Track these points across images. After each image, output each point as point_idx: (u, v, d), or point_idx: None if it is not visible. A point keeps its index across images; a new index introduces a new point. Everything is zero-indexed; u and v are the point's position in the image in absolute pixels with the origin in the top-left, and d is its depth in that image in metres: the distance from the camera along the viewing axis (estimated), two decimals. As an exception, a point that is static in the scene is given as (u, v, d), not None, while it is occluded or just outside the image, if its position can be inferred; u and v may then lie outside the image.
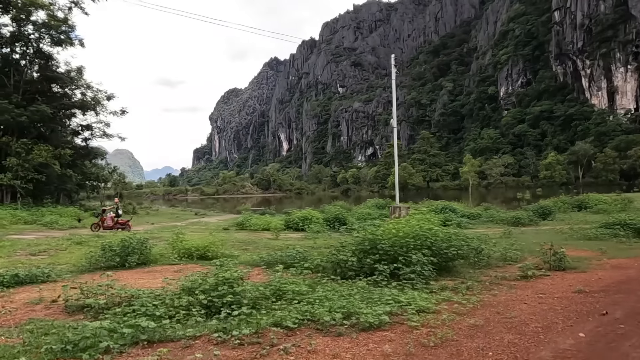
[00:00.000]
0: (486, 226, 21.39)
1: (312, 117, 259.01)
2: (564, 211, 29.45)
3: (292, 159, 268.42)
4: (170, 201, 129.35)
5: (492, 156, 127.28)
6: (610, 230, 15.41)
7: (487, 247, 11.12)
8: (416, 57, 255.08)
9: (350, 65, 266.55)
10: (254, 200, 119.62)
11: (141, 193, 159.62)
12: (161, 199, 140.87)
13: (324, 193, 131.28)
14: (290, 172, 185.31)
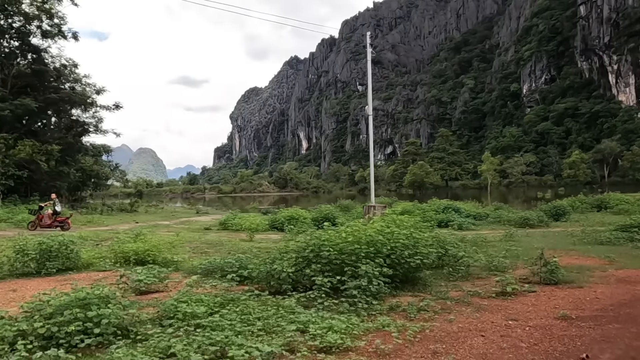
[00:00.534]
0: (491, 227, 19.66)
1: (331, 116, 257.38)
2: (581, 211, 27.41)
3: (312, 157, 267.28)
4: (188, 199, 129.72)
5: (513, 155, 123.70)
6: (627, 234, 13.66)
7: (471, 253, 9.54)
8: (437, 55, 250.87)
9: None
10: (271, 198, 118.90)
11: (161, 191, 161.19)
12: (179, 197, 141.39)
13: (341, 192, 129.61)
14: (308, 171, 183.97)
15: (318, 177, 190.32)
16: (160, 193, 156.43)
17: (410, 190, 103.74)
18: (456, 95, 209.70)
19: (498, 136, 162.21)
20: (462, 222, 19.86)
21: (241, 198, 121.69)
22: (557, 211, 23.14)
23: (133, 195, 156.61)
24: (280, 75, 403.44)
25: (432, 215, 21.41)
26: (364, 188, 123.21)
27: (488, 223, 21.58)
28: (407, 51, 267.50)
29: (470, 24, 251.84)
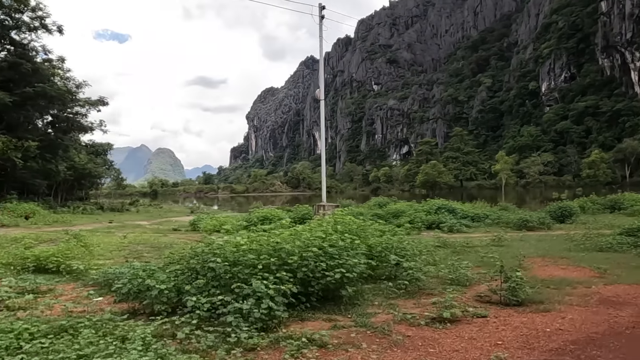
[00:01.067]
0: (485, 230, 18.01)
1: (347, 115, 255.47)
2: (592, 213, 25.45)
3: (327, 157, 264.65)
4: (202, 199, 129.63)
5: (530, 154, 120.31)
6: (633, 238, 12.03)
7: (441, 261, 8.09)
8: (454, 53, 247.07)
9: (385, 63, 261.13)
10: (283, 198, 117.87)
11: (175, 191, 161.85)
12: (193, 197, 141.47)
13: (354, 192, 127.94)
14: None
15: (333, 177, 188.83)
16: (175, 192, 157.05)
17: (424, 190, 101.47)
18: (473, 94, 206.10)
19: (516, 135, 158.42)
20: (453, 225, 18.32)
21: (254, 198, 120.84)
22: (562, 212, 21.33)
23: (148, 195, 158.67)
24: (296, 75, 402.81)
25: (423, 216, 19.76)
26: (377, 188, 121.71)
27: (485, 225, 19.93)
28: (424, 50, 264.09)
29: (488, 22, 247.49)
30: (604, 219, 20.98)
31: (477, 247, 12.55)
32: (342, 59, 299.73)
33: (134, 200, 55.75)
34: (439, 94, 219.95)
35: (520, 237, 14.87)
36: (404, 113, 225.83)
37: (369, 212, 25.15)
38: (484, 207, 29.24)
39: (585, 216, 23.18)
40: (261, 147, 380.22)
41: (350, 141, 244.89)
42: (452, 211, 21.32)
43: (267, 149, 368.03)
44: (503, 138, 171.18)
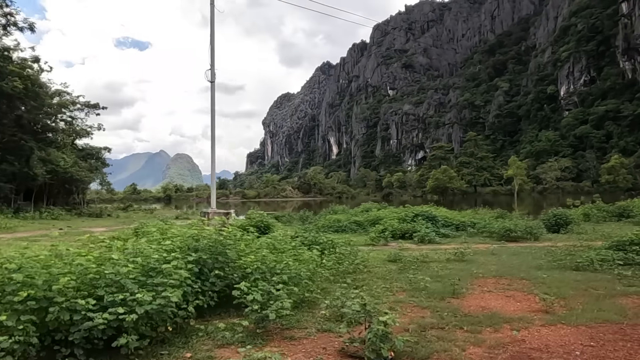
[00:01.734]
0: (462, 241, 16.64)
1: (362, 121, 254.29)
2: (596, 221, 23.91)
3: (342, 162, 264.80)
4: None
5: (548, 160, 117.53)
6: (621, 254, 10.50)
7: (302, 290, 6.93)
8: (470, 57, 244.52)
9: (400, 67, 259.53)
10: (294, 204, 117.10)
11: (189, 196, 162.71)
12: (205, 201, 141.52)
13: (366, 197, 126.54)
14: (335, 176, 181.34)
15: (347, 182, 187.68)
16: (188, 197, 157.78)
17: (436, 196, 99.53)
18: (490, 99, 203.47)
19: (533, 140, 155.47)
20: (426, 234, 16.87)
21: (265, 203, 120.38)
22: (557, 221, 19.85)
23: (162, 200, 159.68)
24: (312, 80, 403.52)
25: (395, 224, 18.60)
26: (389, 194, 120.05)
27: (468, 235, 18.48)
28: (440, 54, 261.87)
29: (505, 26, 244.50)
30: (606, 228, 19.27)
31: (434, 262, 11.25)
32: (358, 64, 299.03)
33: (127, 205, 55.31)
34: (455, 98, 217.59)
35: (492, 251, 13.39)
36: (420, 118, 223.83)
37: (349, 218, 24.16)
38: (477, 214, 27.89)
39: (587, 225, 21.72)
40: (277, 152, 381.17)
41: (365, 146, 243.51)
42: (432, 219, 19.81)
43: (282, 154, 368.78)
44: (520, 143, 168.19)
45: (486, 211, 31.13)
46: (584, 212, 26.30)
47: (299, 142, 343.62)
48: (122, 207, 52.42)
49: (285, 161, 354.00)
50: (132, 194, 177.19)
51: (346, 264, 9.92)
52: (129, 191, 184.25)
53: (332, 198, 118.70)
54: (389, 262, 11.28)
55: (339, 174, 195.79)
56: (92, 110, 39.89)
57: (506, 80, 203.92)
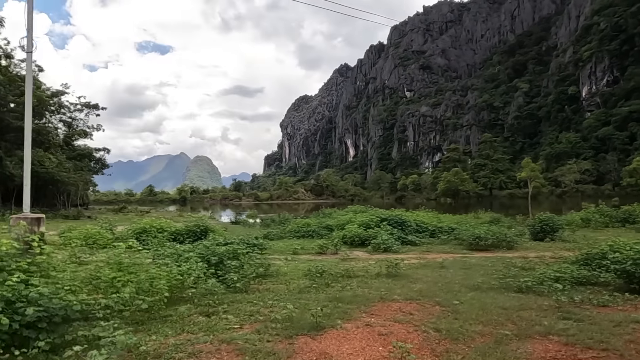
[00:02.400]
0: (425, 250, 15.30)
1: (378, 123, 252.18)
2: (595, 227, 22.18)
3: (358, 165, 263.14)
4: (227, 205, 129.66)
5: (567, 162, 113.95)
6: (585, 270, 9.13)
7: None
8: (489, 58, 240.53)
9: (418, 69, 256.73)
10: (306, 206, 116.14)
11: (204, 197, 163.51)
12: (218, 203, 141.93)
13: (380, 200, 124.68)
14: (349, 178, 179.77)
15: (362, 184, 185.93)
16: (202, 199, 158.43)
17: (449, 199, 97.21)
18: (509, 100, 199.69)
19: (553, 142, 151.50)
20: (385, 241, 15.41)
21: (277, 205, 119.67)
22: (542, 227, 18.18)
23: (178, 202, 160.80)
24: (330, 83, 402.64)
25: (354, 230, 17.21)
26: (401, 196, 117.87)
27: (442, 242, 17.12)
28: (458, 55, 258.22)
29: (526, 26, 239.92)
30: (601, 236, 17.70)
31: (358, 277, 10.03)
32: (375, 65, 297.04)
33: (120, 207, 54.72)
34: (474, 100, 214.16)
35: (442, 263, 12.01)
36: (437, 120, 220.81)
37: (321, 222, 22.92)
38: (478, 218, 26.38)
39: (583, 231, 20.10)
40: (294, 154, 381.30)
41: (382, 149, 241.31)
42: (402, 224, 18.35)
43: (300, 156, 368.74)
44: (540, 145, 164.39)
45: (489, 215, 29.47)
46: (584, 217, 24.53)
47: (316, 145, 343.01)
48: (118, 208, 52.01)
49: (303, 163, 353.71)
50: (148, 196, 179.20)
51: (234, 280, 8.64)
52: (146, 193, 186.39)
53: (345, 201, 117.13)
54: (305, 277, 10.00)
55: (353, 176, 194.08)
56: (92, 111, 39.42)
57: (526, 81, 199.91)
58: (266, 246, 15.92)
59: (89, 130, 41.15)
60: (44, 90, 35.63)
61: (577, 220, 24.50)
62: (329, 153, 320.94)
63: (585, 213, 25.63)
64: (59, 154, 40.43)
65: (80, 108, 39.31)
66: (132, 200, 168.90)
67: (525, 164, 63.25)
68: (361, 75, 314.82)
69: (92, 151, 47.92)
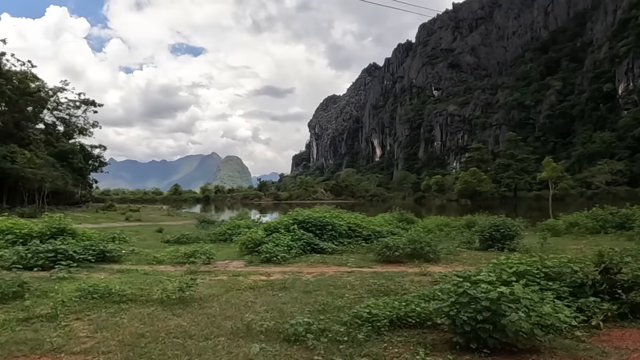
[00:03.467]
0: (328, 259, 13.34)
1: (405, 122, 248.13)
2: (577, 234, 19.77)
3: (385, 165, 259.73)
4: (247, 205, 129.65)
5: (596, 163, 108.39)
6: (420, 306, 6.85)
7: None
8: (521, 56, 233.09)
9: (446, 67, 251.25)
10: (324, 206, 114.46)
11: (225, 197, 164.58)
12: (239, 203, 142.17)
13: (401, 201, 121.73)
14: (371, 178, 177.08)
15: (386, 185, 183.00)
16: (224, 199, 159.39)
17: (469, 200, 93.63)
18: (541, 99, 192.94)
19: (586, 142, 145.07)
20: (270, 250, 13.33)
21: (296, 205, 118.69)
22: (492, 235, 15.53)
23: (201, 201, 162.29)
24: (358, 82, 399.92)
25: (254, 234, 15.31)
26: (422, 197, 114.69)
27: (366, 250, 14.95)
28: (488, 53, 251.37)
29: (560, 22, 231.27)
30: (576, 245, 15.52)
31: (130, 304, 7.72)
32: (402, 64, 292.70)
33: (108, 205, 53.89)
34: (504, 98, 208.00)
35: (284, 282, 9.66)
36: (465, 119, 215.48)
37: (255, 223, 21.14)
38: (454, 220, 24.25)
39: (563, 239, 17.84)
40: (321, 154, 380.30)
41: (408, 149, 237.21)
42: (321, 227, 16.06)
43: (327, 156, 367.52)
44: (573, 145, 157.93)
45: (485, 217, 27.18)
46: (572, 222, 22.01)
47: (343, 145, 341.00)
48: (106, 207, 51.55)
49: (330, 163, 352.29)
50: (173, 195, 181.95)
51: None
52: (172, 192, 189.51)
53: (365, 201, 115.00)
54: (71, 300, 7.81)
55: (376, 176, 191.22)
56: (89, 107, 39.00)
57: (559, 78, 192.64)
58: (123, 251, 13.97)
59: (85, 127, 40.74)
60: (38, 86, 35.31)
61: (561, 225, 21.95)
62: (355, 153, 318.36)
63: (576, 217, 23.04)
64: (40, 151, 40.09)
65: (78, 105, 39.01)
66: (157, 199, 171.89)
67: (546, 164, 59.82)
68: (388, 75, 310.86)
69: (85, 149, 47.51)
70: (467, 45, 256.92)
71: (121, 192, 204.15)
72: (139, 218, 40.04)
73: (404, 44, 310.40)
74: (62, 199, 51.81)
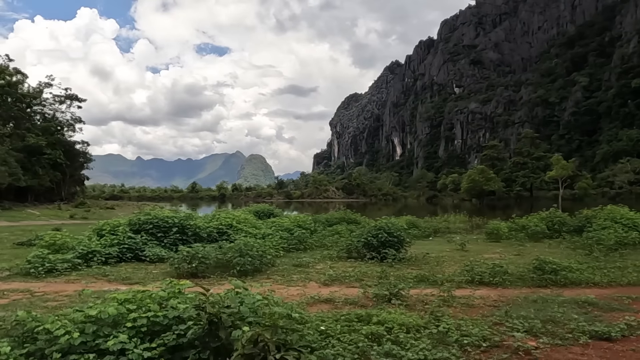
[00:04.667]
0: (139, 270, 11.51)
1: (425, 120, 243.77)
2: (519, 239, 17.44)
3: (405, 164, 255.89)
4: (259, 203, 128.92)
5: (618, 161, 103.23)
6: None
7: None
8: (547, 51, 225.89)
9: (468, 64, 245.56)
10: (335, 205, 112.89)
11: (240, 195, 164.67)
12: (252, 200, 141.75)
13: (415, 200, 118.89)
14: (387, 177, 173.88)
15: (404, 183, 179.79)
16: (239, 197, 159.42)
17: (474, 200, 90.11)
18: (566, 95, 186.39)
19: (612, 140, 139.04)
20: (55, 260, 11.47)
21: (308, 204, 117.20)
22: (368, 241, 12.95)
23: (217, 199, 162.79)
24: (380, 80, 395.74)
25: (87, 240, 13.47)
26: (434, 196, 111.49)
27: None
28: (512, 49, 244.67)
29: (587, 16, 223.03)
30: (491, 253, 13.32)
31: None
32: (424, 61, 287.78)
33: (78, 203, 52.15)
34: (527, 95, 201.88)
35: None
36: (487, 117, 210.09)
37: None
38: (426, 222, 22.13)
39: (500, 244, 15.66)
40: (342, 153, 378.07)
41: (428, 147, 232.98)
42: (165, 231, 14.19)
43: (348, 155, 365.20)
44: (599, 143, 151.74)
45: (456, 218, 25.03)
46: (525, 225, 19.53)
47: (363, 143, 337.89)
48: (77, 203, 50.65)
49: (351, 162, 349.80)
50: (190, 192, 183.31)
51: None
52: (189, 189, 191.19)
53: (376, 200, 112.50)
54: None
55: (391, 174, 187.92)
56: (72, 103, 38.23)
57: (585, 74, 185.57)
58: None
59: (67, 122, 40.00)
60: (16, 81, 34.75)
61: (504, 228, 19.31)
62: (376, 152, 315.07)
63: (528, 220, 20.52)
64: (4, 146, 39.40)
65: (62, 100, 38.31)
66: (174, 197, 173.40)
67: (555, 161, 56.47)
68: (409, 72, 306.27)
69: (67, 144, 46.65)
70: (490, 41, 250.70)
71: (142, 190, 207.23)
72: (86, 217, 38.95)
73: (425, 41, 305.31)
74: (39, 194, 51.26)
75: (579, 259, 11.89)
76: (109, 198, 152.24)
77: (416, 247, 14.34)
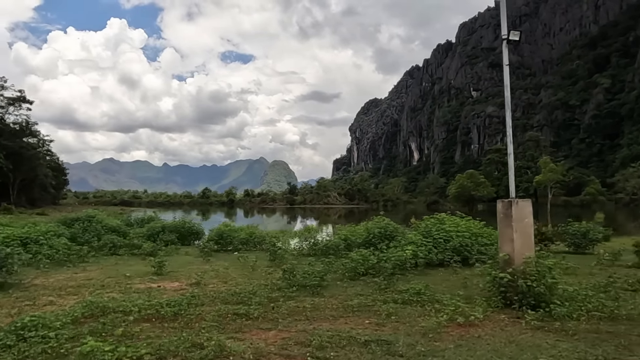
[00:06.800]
0: None
1: (442, 125, 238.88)
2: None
3: (421, 169, 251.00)
4: (265, 209, 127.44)
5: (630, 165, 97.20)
6: None
7: None
8: (568, 53, 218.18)
9: (487, 67, 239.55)
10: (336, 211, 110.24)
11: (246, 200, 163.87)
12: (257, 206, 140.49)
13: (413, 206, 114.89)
14: (394, 182, 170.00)
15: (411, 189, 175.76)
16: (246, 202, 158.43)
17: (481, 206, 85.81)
18: (587, 98, 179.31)
19: (632, 143, 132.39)
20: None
21: (310, 210, 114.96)
22: None
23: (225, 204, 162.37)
24: (400, 85, 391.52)
25: None
26: (435, 202, 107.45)
27: None
28: (533, 51, 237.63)
29: (612, 15, 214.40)
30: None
31: None
32: (441, 65, 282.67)
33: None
34: (547, 98, 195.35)
35: None
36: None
37: None
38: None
39: None
40: (361, 159, 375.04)
41: (445, 152, 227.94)
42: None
43: (367, 160, 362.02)
44: (621, 147, 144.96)
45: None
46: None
47: (381, 148, 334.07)
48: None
49: (369, 167, 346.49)
50: (201, 198, 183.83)
51: None
52: (200, 195, 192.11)
53: (378, 206, 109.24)
54: None
55: (399, 180, 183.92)
56: (21, 105, 37.14)
57: (608, 76, 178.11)
58: None
59: (22, 126, 38.82)
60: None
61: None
62: (393, 157, 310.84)
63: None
64: None
65: (11, 102, 37.28)
66: (184, 202, 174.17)
67: (543, 165, 52.27)
68: (427, 76, 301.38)
69: (26, 148, 45.32)
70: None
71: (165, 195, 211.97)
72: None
73: (443, 45, 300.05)
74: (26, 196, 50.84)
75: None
76: (119, 204, 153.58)
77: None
